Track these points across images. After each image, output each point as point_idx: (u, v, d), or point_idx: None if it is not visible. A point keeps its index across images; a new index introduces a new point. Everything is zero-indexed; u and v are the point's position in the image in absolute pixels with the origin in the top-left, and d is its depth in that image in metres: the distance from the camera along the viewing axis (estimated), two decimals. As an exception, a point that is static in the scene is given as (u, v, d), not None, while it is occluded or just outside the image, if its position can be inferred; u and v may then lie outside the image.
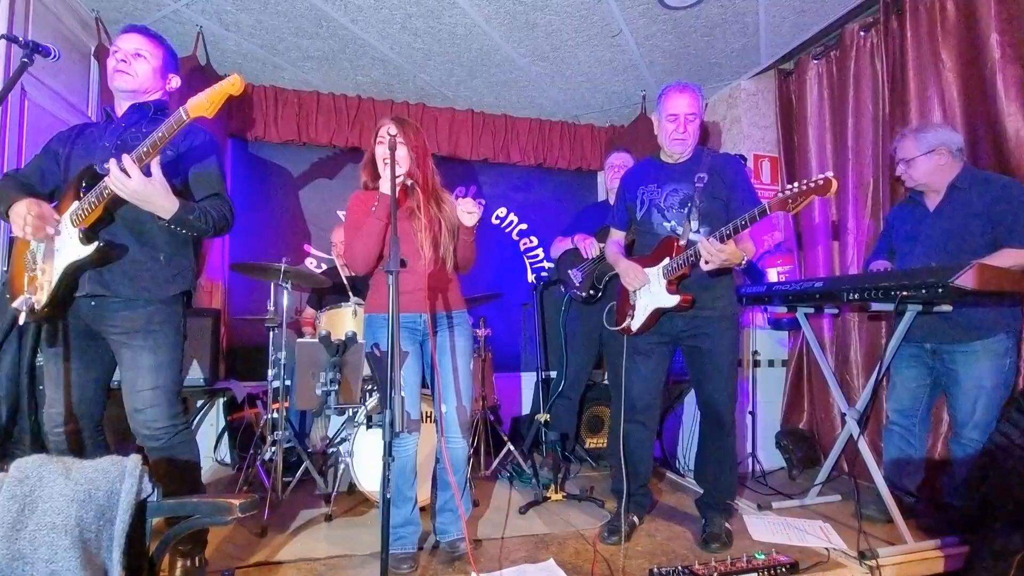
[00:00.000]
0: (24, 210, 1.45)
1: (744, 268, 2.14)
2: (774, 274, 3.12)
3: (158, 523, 0.97)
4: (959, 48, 2.33)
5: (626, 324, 2.08)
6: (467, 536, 1.75)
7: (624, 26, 2.82)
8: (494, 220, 4.12)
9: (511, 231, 4.16)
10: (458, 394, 1.85)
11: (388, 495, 1.32)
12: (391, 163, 1.61)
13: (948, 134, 2.09)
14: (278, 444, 2.32)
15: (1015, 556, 1.63)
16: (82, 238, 1.49)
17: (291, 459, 2.54)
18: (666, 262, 1.95)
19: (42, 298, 1.51)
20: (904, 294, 1.74)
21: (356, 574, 1.77)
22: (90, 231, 1.50)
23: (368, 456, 2.28)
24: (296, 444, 2.48)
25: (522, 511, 2.32)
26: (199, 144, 1.69)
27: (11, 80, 1.49)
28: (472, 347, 1.98)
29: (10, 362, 1.91)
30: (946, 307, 1.70)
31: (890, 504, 1.95)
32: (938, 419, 2.29)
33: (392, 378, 1.33)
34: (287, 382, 2.44)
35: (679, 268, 1.90)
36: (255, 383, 3.26)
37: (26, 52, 1.49)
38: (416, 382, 1.85)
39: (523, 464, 2.80)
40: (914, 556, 1.87)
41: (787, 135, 3.27)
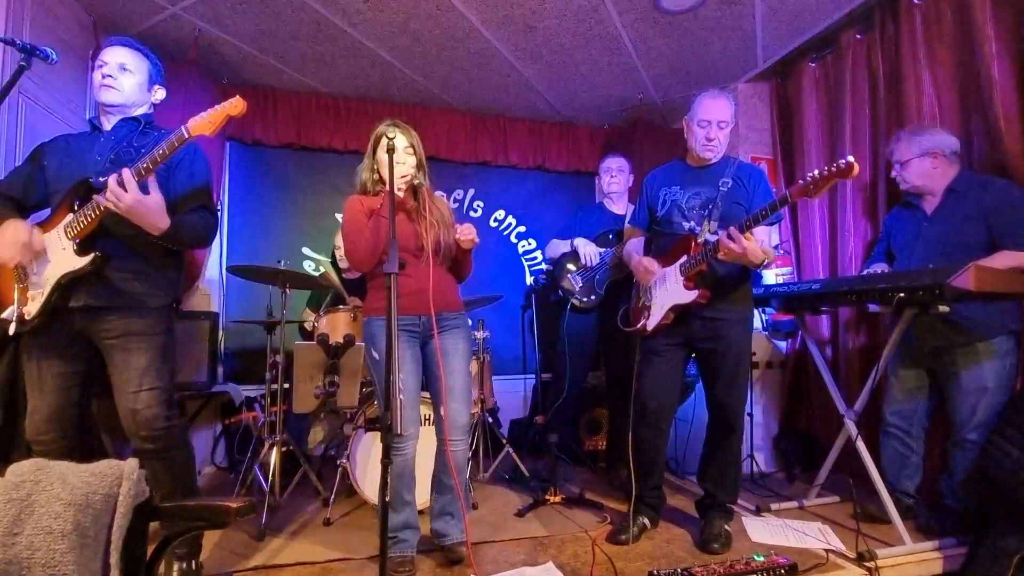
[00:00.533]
0: (11, 239, 1.45)
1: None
2: (772, 276, 3.13)
3: (155, 527, 0.97)
4: (954, 50, 2.35)
5: (641, 324, 2.08)
6: (467, 538, 1.74)
7: (621, 30, 2.84)
8: (492, 223, 4.12)
9: (509, 233, 4.16)
10: (458, 397, 1.85)
11: (387, 498, 1.31)
12: (390, 165, 1.61)
13: (943, 137, 2.09)
14: (276, 447, 2.32)
15: (1013, 557, 1.64)
16: (77, 250, 1.50)
17: (289, 462, 2.53)
18: (683, 259, 1.96)
19: (33, 309, 1.51)
20: (901, 295, 1.75)
21: (355, 578, 1.76)
22: (85, 243, 1.51)
23: (366, 459, 2.28)
24: (294, 447, 2.47)
25: (521, 513, 2.31)
26: (189, 156, 1.70)
27: (8, 83, 1.48)
28: (471, 349, 1.98)
29: (5, 367, 1.90)
30: (944, 308, 1.71)
31: (888, 505, 1.95)
32: (936, 420, 2.29)
33: (391, 381, 1.33)
34: (285, 385, 2.44)
35: (696, 264, 1.91)
36: (253, 386, 3.26)
37: (24, 55, 1.49)
38: (416, 385, 1.85)
39: (522, 466, 2.80)
40: (912, 557, 1.87)
41: (784, 138, 3.29)
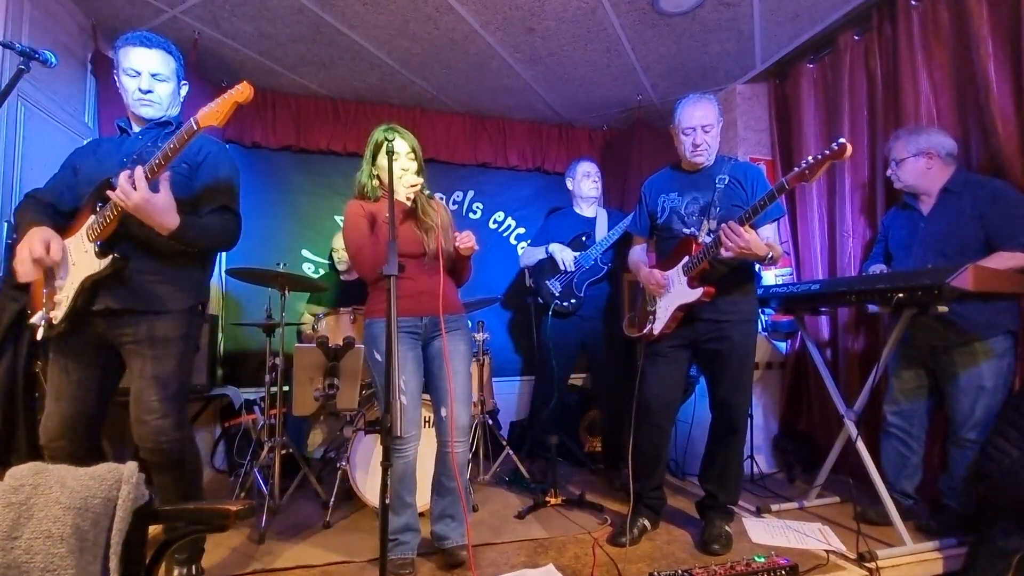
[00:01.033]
0: (26, 254, 1.43)
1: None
2: (771, 277, 3.13)
3: (155, 530, 0.96)
4: (951, 51, 2.35)
5: (648, 329, 2.08)
6: (468, 541, 1.74)
7: (620, 31, 2.84)
8: (491, 224, 4.12)
9: (508, 235, 4.16)
10: (458, 398, 1.85)
11: (387, 500, 1.31)
12: (389, 170, 1.62)
13: (940, 138, 2.10)
14: (275, 450, 2.31)
15: (1014, 557, 1.64)
16: (97, 252, 1.48)
17: (288, 465, 2.53)
18: (685, 260, 1.97)
19: (59, 313, 1.49)
20: (900, 296, 1.75)
21: (355, 580, 1.76)
22: (105, 245, 1.49)
23: (366, 462, 2.28)
24: (294, 450, 2.47)
25: (521, 516, 2.31)
26: (214, 155, 1.68)
27: (8, 86, 1.48)
28: (471, 351, 1.99)
29: (5, 369, 1.89)
30: (943, 308, 1.71)
31: (889, 506, 1.95)
32: (936, 420, 2.29)
33: (392, 383, 1.33)
34: (284, 388, 2.43)
35: (698, 263, 1.92)
36: (252, 389, 3.26)
37: (23, 59, 1.48)
38: (418, 386, 1.85)
39: (522, 468, 2.80)
40: (913, 558, 1.87)
41: (782, 138, 3.29)
